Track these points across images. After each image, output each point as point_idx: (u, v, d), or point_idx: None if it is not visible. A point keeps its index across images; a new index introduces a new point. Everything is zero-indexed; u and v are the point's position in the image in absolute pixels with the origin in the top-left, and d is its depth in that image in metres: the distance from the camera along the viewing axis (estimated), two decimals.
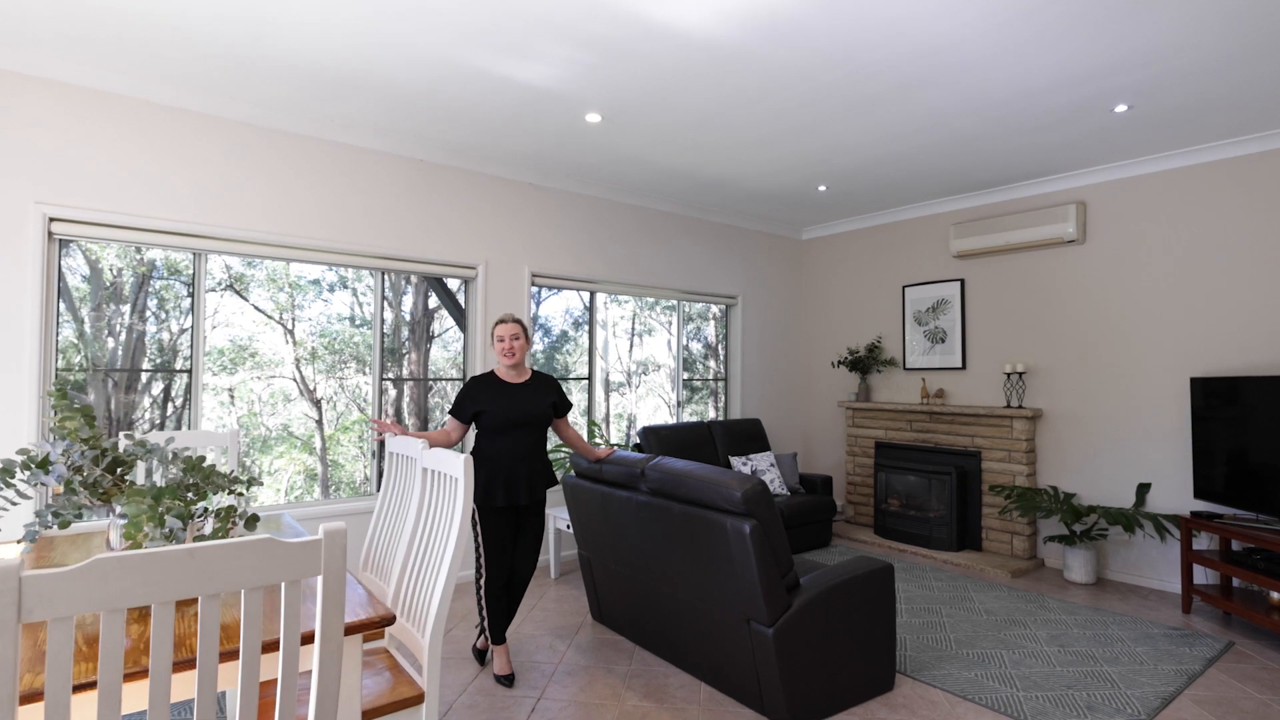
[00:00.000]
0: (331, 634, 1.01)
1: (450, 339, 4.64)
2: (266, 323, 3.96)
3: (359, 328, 4.23)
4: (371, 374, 4.23)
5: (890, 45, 2.96)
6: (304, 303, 4.08)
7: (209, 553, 0.90)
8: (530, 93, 3.44)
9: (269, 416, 4.05)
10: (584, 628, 3.65)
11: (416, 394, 4.47)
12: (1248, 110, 3.64)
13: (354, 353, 4.22)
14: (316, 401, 4.16)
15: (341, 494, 4.25)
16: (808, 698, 2.65)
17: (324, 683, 1.01)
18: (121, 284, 3.52)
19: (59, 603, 0.80)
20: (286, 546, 0.97)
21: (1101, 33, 2.85)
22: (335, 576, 1.01)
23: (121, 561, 0.84)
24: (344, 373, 4.20)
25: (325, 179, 3.92)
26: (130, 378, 3.59)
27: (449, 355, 4.61)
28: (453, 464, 2.04)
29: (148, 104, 3.39)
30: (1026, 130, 3.97)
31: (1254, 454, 3.79)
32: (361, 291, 4.26)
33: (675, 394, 5.94)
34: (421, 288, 4.49)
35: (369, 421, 2.79)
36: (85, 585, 0.82)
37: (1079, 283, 4.85)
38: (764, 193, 5.34)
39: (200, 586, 0.90)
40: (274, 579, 0.96)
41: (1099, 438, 4.73)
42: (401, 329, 4.38)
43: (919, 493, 5.48)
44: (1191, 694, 2.96)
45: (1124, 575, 4.60)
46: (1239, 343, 4.15)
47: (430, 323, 4.56)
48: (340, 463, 4.28)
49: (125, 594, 0.84)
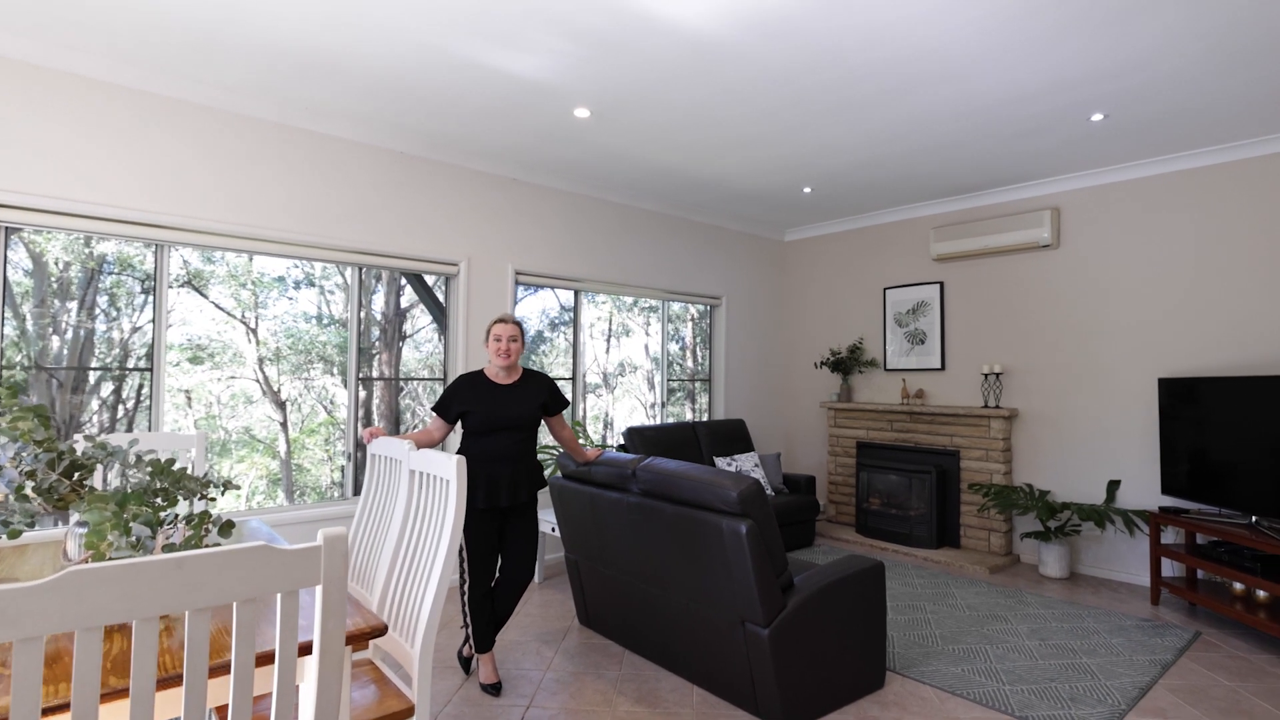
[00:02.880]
0: (332, 646, 0.94)
1: (423, 339, 4.50)
2: (227, 321, 3.78)
3: (326, 326, 4.08)
4: (347, 374, 4.09)
5: (880, 48, 2.95)
6: (268, 300, 3.90)
7: (198, 562, 0.82)
8: (519, 85, 3.36)
9: (228, 419, 3.87)
10: (571, 632, 3.57)
11: (387, 395, 4.33)
12: (1216, 122, 3.72)
13: (321, 353, 4.06)
14: (281, 403, 4.00)
15: (307, 499, 4.09)
16: (802, 698, 2.62)
17: (324, 699, 0.93)
18: (69, 279, 3.33)
19: (27, 621, 0.71)
20: (283, 554, 0.89)
21: (1081, 44, 2.87)
22: (336, 585, 0.93)
23: (100, 574, 0.75)
24: (310, 373, 4.04)
25: (298, 170, 3.78)
26: (77, 378, 3.39)
27: (420, 355, 4.47)
28: (444, 465, 1.95)
29: (105, 85, 3.21)
30: (1006, 137, 4.01)
31: (1215, 452, 3.88)
32: (329, 289, 4.10)
33: (657, 394, 5.89)
34: (393, 285, 4.35)
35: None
36: (58, 601, 0.73)
37: (1053, 286, 4.93)
38: (750, 193, 5.32)
39: (188, 600, 0.81)
40: (270, 589, 0.88)
41: (1072, 436, 4.81)
42: (372, 328, 4.24)
43: (900, 492, 5.51)
44: (1166, 683, 3.01)
45: (1096, 569, 4.68)
46: (1204, 345, 4.24)
47: (402, 322, 4.43)
48: (306, 467, 4.12)
49: (103, 610, 0.75)
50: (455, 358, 4.44)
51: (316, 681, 0.93)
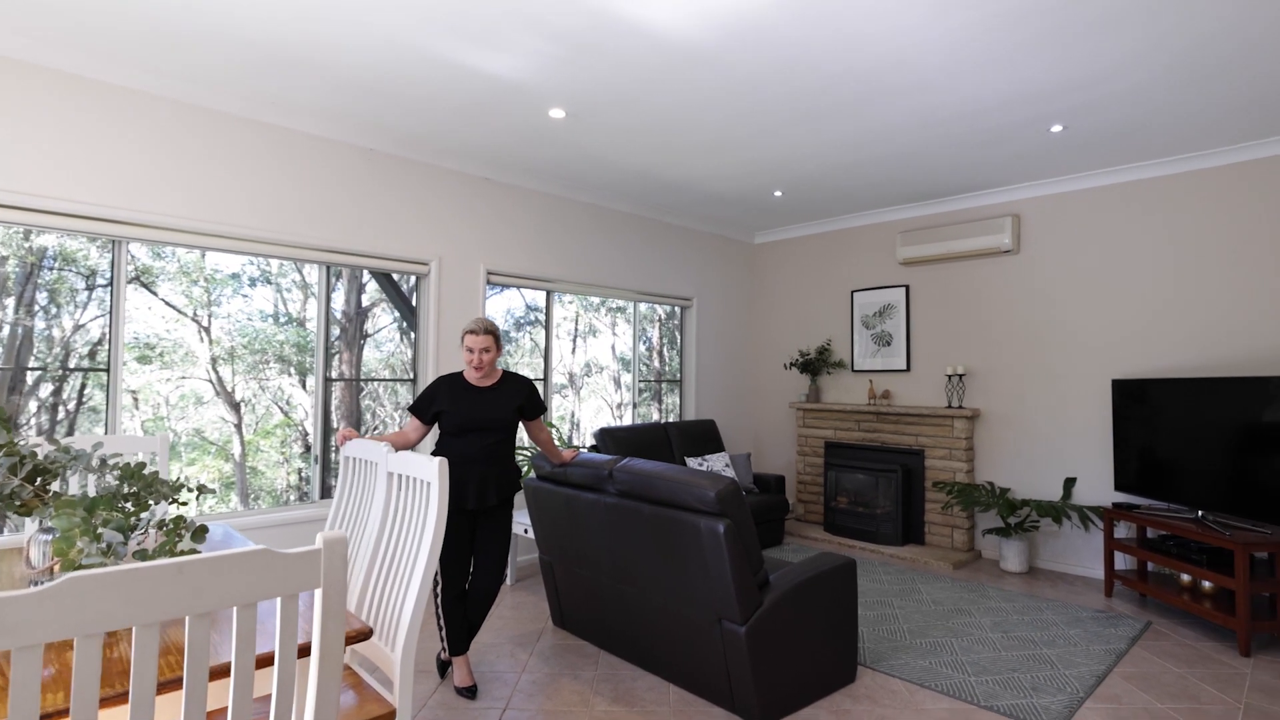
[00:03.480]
0: (331, 649, 0.93)
1: (384, 339, 4.41)
2: (178, 319, 3.63)
3: (284, 325, 3.97)
4: (314, 374, 4.01)
5: (851, 58, 3.02)
6: (221, 298, 3.76)
7: (198, 567, 0.81)
8: (494, 84, 3.34)
9: (178, 421, 3.73)
10: (545, 634, 3.57)
11: (348, 396, 4.23)
12: (1168, 135, 3.89)
13: (278, 352, 3.96)
14: (236, 404, 3.88)
15: (261, 503, 3.97)
16: (777, 693, 2.67)
17: (323, 701, 0.93)
18: (4, 274, 3.18)
19: (25, 629, 0.70)
20: (284, 558, 0.88)
21: (1044, 59, 2.99)
22: (336, 588, 0.93)
23: (100, 580, 0.74)
24: (266, 373, 3.93)
25: (264, 165, 3.70)
26: (14, 378, 3.25)
27: (381, 355, 4.37)
28: (425, 468, 1.94)
29: (56, 73, 3.09)
30: (970, 146, 4.13)
31: (1164, 450, 4.06)
32: (286, 287, 3.98)
33: (623, 395, 5.90)
34: (354, 284, 4.25)
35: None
36: (58, 608, 0.72)
37: (1014, 290, 5.09)
38: (721, 196, 5.38)
39: (189, 605, 0.80)
40: (270, 594, 0.87)
41: (1031, 435, 4.97)
42: (332, 327, 4.13)
43: (866, 490, 5.62)
44: (1120, 671, 3.15)
45: (1053, 564, 4.85)
46: (1154, 348, 4.43)
47: (364, 321, 4.34)
48: (260, 469, 4.01)
49: (104, 616, 0.74)
50: (426, 358, 4.40)
51: (316, 684, 0.93)
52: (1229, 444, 3.69)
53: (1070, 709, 2.77)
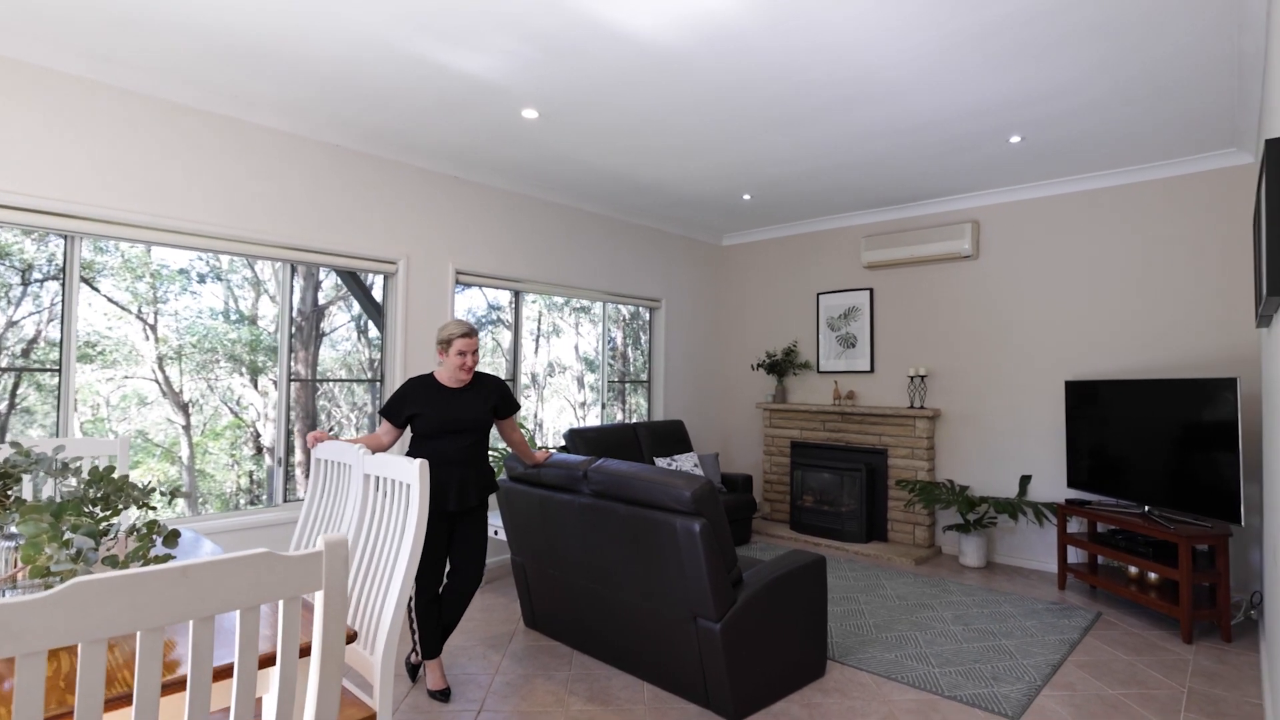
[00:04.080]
0: (333, 651, 0.94)
1: (340, 338, 4.30)
2: (120, 316, 3.47)
3: (235, 324, 3.84)
4: (278, 374, 3.93)
5: (825, 66, 3.09)
6: (168, 295, 3.60)
7: (202, 571, 0.81)
8: (467, 83, 3.32)
9: (119, 422, 3.56)
10: (517, 635, 3.56)
11: (304, 396, 4.11)
12: (1118, 148, 4.08)
13: (229, 351, 3.82)
14: (184, 405, 3.73)
15: (209, 507, 3.84)
16: (751, 688, 2.72)
17: (324, 703, 0.93)
18: None
19: (29, 635, 0.69)
20: (286, 561, 0.88)
21: (1007, 73, 3.10)
22: (337, 590, 0.93)
23: (105, 585, 0.73)
24: (216, 373, 3.78)
25: (226, 160, 3.61)
26: None
27: (337, 355, 4.26)
28: (405, 470, 1.93)
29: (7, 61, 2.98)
30: (933, 154, 4.26)
31: (1111, 448, 4.25)
32: (237, 284, 3.85)
33: (587, 395, 5.91)
34: (311, 281, 4.13)
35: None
36: (63, 614, 0.71)
37: (973, 294, 5.26)
38: (691, 198, 5.43)
39: (194, 609, 0.80)
40: (272, 596, 0.87)
41: (989, 435, 5.14)
42: (285, 325, 3.97)
43: (832, 489, 5.74)
44: (1074, 660, 3.29)
45: (1010, 558, 5.02)
46: (1104, 350, 4.64)
47: (320, 319, 4.23)
48: (209, 472, 3.87)
49: (109, 621, 0.73)
50: (394, 359, 4.34)
51: (317, 686, 0.93)
52: (1171, 442, 3.88)
53: (1029, 697, 2.88)
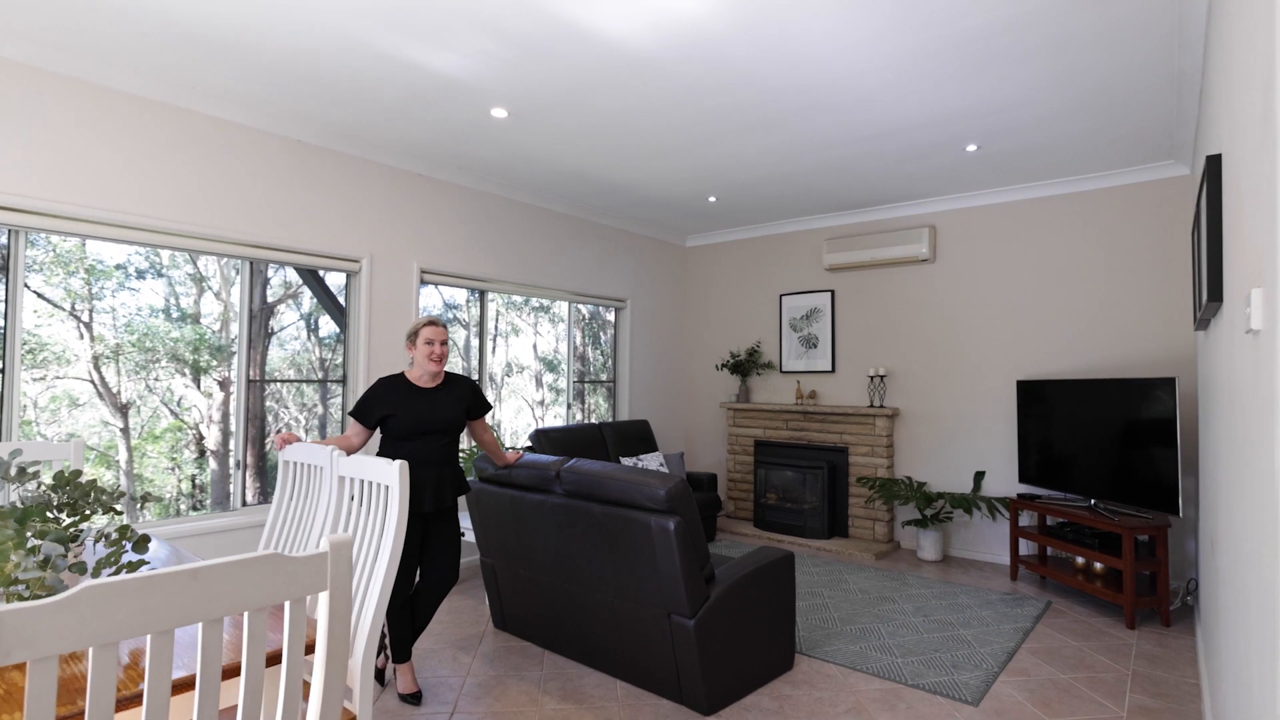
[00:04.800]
0: (338, 651, 0.94)
1: (288, 337, 4.15)
2: (52, 314, 3.31)
3: (177, 322, 3.69)
4: (236, 375, 3.82)
5: (791, 75, 3.16)
6: (104, 291, 3.42)
7: (213, 573, 0.80)
8: (437, 81, 3.29)
9: (48, 425, 3.38)
10: (487, 637, 3.54)
11: (251, 397, 3.97)
12: (1066, 158, 4.27)
13: (171, 351, 3.67)
14: (122, 407, 3.57)
15: (147, 514, 3.68)
16: (723, 683, 2.77)
17: (329, 702, 0.93)
18: None
19: (41, 641, 0.68)
20: (293, 562, 0.88)
21: (966, 85, 3.23)
22: (342, 590, 0.94)
23: (117, 588, 0.73)
24: (157, 373, 3.62)
25: (180, 153, 3.50)
26: None
27: (285, 354, 4.11)
28: (383, 471, 1.91)
29: None
30: (893, 160, 4.39)
31: (1059, 444, 4.45)
32: (179, 280, 3.69)
33: (566, 395, 5.91)
34: (258, 277, 3.97)
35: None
36: (75, 618, 0.70)
37: (930, 296, 5.43)
38: (658, 200, 5.47)
39: (203, 610, 0.80)
40: (279, 598, 0.87)
41: (946, 432, 5.32)
42: (231, 323, 3.86)
43: (794, 487, 5.86)
44: (1028, 646, 3.44)
45: (965, 551, 5.21)
46: (1053, 351, 4.85)
47: (268, 317, 4.06)
48: (147, 477, 3.71)
49: (121, 625, 0.73)
50: (357, 358, 4.27)
51: (323, 684, 0.93)
52: (1115, 438, 4.09)
53: (987, 683, 3.01)
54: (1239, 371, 1.41)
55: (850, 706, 2.81)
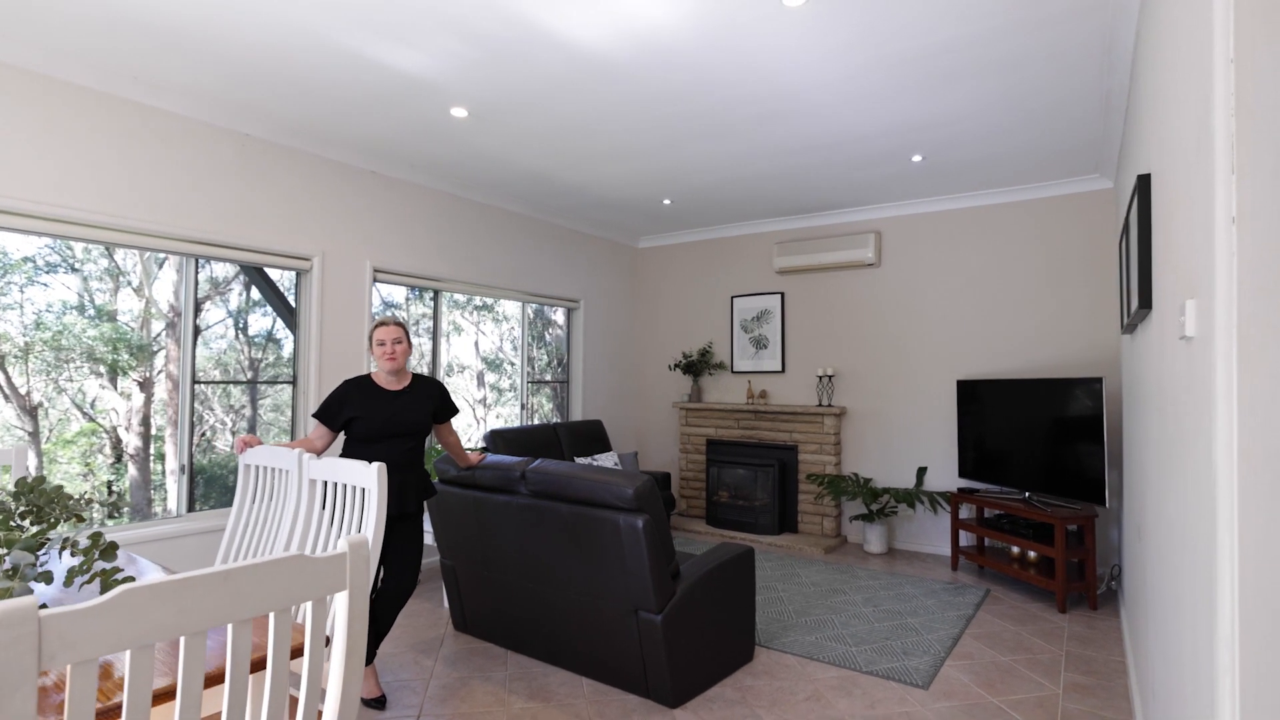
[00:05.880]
0: (356, 649, 0.95)
1: (213, 336, 3.95)
2: None
3: (93, 320, 3.50)
4: (181, 376, 3.68)
5: (756, 84, 3.26)
6: (9, 287, 3.22)
7: (242, 575, 0.81)
8: (398, 79, 3.25)
9: None
10: (448, 639, 3.52)
11: (175, 398, 3.78)
12: (1004, 169, 4.53)
13: (87, 350, 3.48)
14: (31, 410, 3.37)
15: None
16: (688, 676, 2.84)
17: (347, 699, 0.95)
18: None
19: (84, 644, 0.68)
20: (315, 563, 0.89)
21: (915, 98, 3.40)
22: (360, 590, 0.95)
23: (154, 591, 0.73)
24: (70, 373, 3.43)
25: (119, 145, 3.35)
26: None
27: (211, 353, 3.90)
28: (360, 474, 1.90)
29: None
30: (843, 168, 4.56)
31: (996, 440, 4.72)
32: (96, 275, 3.50)
33: (521, 395, 5.89)
34: (185, 272, 3.76)
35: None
36: (114, 621, 0.70)
37: (875, 300, 5.66)
38: (613, 201, 5.51)
39: (233, 612, 0.80)
40: (303, 598, 0.88)
41: (891, 430, 5.56)
42: (153, 320, 3.67)
43: (746, 484, 6.00)
44: (970, 633, 3.64)
45: (909, 544, 5.45)
46: (990, 351, 5.13)
47: (197, 314, 3.84)
48: (57, 483, 3.46)
49: (157, 627, 0.73)
50: (308, 359, 4.16)
51: (342, 681, 0.94)
52: (1048, 435, 4.37)
53: (935, 668, 3.17)
54: (1171, 373, 1.56)
55: (809, 694, 2.93)
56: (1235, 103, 0.85)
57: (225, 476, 4.00)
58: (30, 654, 0.65)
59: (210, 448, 3.93)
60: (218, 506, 3.85)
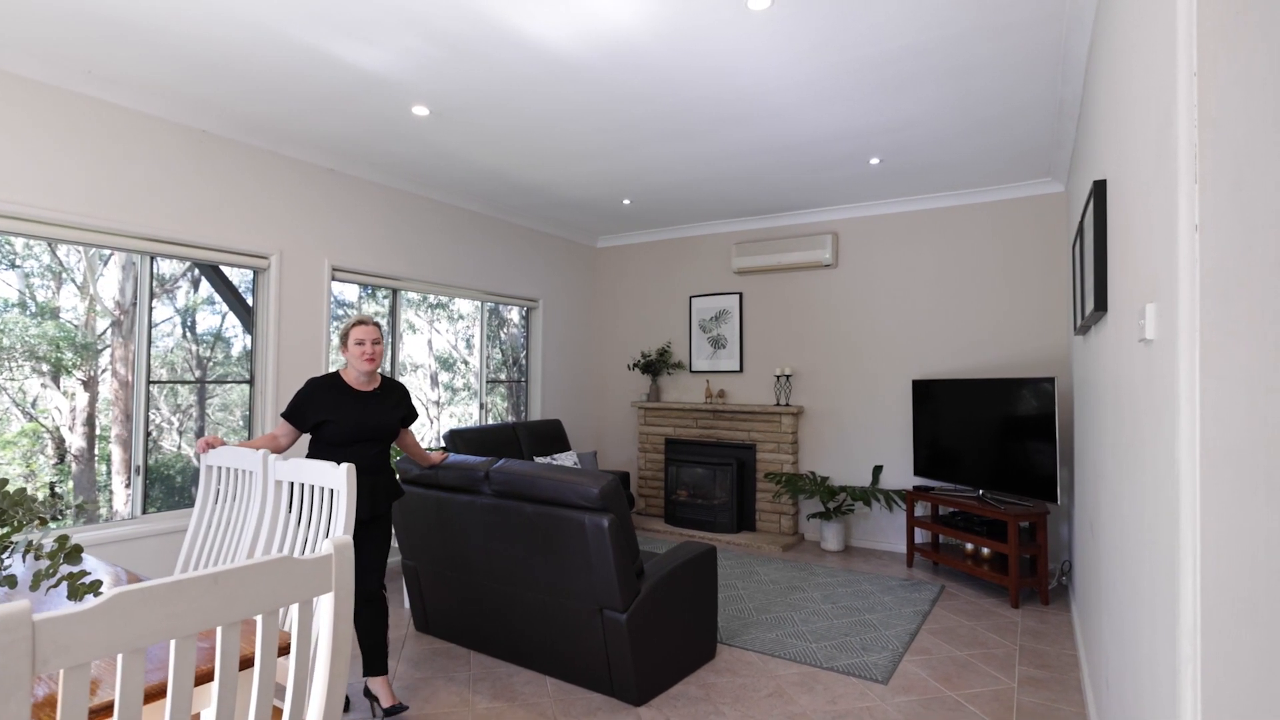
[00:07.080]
0: (341, 649, 0.94)
1: (161, 334, 3.78)
2: None
3: (34, 317, 3.37)
4: (135, 375, 3.52)
5: (718, 87, 3.31)
6: None
7: (232, 577, 0.79)
8: (357, 76, 3.18)
9: None
10: (409, 640, 3.46)
11: (123, 398, 3.63)
12: (958, 173, 4.70)
13: (29, 348, 3.35)
14: None
15: None
16: (653, 674, 2.86)
17: (333, 698, 0.93)
18: None
19: (77, 648, 0.66)
20: (302, 565, 0.88)
21: (875, 103, 3.50)
22: (345, 591, 0.94)
23: (146, 594, 0.71)
24: (10, 372, 3.29)
25: (69, 140, 3.19)
26: None
27: (158, 352, 3.74)
28: (329, 475, 1.86)
29: None
30: (802, 170, 4.66)
31: (950, 439, 4.89)
32: (37, 272, 3.38)
33: (480, 395, 5.82)
34: (130, 269, 3.64)
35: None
36: (106, 625, 0.68)
37: (833, 300, 5.79)
38: (573, 201, 5.50)
39: (223, 615, 0.78)
40: (290, 600, 0.87)
41: (847, 429, 5.69)
42: (98, 318, 3.55)
43: (704, 483, 6.06)
44: (927, 628, 3.76)
45: (865, 542, 5.59)
46: (944, 351, 5.31)
47: (150, 312, 3.71)
48: None
49: (150, 631, 0.71)
50: (265, 358, 4.04)
51: (327, 681, 0.92)
52: (1001, 433, 4.54)
53: (894, 663, 3.27)
54: (1129, 374, 1.65)
55: (772, 691, 2.98)
56: (1199, 114, 0.91)
57: (173, 477, 3.84)
58: (24, 659, 0.62)
59: (157, 448, 3.77)
60: (165, 508, 3.69)
